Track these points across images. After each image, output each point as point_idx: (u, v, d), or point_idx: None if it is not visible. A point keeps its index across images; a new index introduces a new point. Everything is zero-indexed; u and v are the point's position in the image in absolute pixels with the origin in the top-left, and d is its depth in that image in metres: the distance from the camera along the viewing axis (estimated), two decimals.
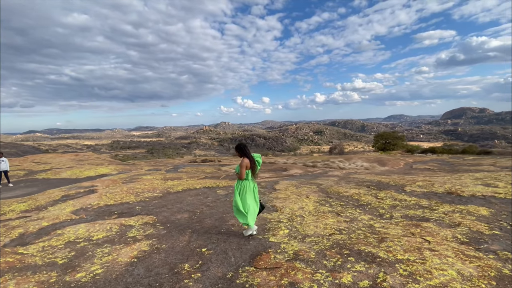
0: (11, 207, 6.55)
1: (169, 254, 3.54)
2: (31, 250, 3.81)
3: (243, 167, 3.84)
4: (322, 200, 6.31)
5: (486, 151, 31.10)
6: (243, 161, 3.84)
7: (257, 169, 4.03)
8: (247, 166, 3.85)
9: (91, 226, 4.78)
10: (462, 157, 22.59)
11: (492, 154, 28.42)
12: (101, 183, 8.95)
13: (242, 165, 3.84)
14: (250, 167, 3.89)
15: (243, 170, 3.85)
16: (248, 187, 3.93)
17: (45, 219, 5.36)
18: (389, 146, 42.07)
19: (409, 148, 39.34)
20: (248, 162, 3.86)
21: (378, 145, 44.80)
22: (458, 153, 29.96)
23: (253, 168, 3.93)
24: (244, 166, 3.84)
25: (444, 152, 30.04)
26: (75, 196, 7.27)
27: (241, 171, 3.85)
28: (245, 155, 3.90)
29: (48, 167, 13.78)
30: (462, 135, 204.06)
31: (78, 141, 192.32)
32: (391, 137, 44.34)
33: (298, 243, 3.65)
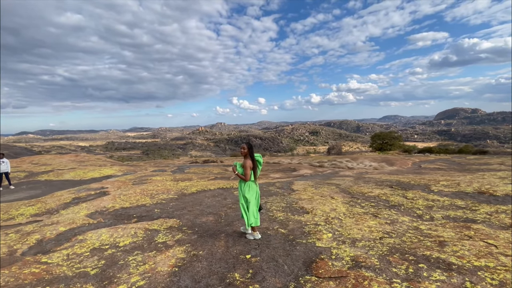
0: (19, 210, 6.14)
1: (211, 262, 3.23)
2: (55, 259, 3.45)
3: (247, 168, 3.73)
4: (350, 201, 6.05)
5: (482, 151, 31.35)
6: (246, 162, 3.74)
7: (259, 170, 3.95)
8: (250, 166, 3.76)
9: (113, 231, 4.43)
10: (464, 157, 22.64)
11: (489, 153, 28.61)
12: (111, 184, 8.56)
13: (246, 166, 3.72)
14: (252, 168, 3.80)
15: (248, 171, 3.73)
16: (252, 188, 3.86)
17: (60, 223, 4.98)
18: (386, 146, 42.14)
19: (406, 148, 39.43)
20: (251, 164, 3.76)
21: (375, 145, 44.87)
22: (455, 153, 30.11)
23: (255, 169, 3.84)
24: (248, 167, 3.73)
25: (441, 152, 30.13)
26: (86, 199, 6.88)
27: (246, 172, 3.73)
28: (250, 155, 3.80)
29: (49, 169, 13.26)
30: (455, 135, 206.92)
31: (72, 142, 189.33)
32: (388, 137, 44.42)
33: (350, 248, 3.37)
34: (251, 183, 3.86)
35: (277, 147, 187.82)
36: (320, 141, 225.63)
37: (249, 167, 3.74)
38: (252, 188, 3.87)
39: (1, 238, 4.32)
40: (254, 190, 3.88)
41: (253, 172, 3.85)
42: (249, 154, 3.80)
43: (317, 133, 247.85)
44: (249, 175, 3.76)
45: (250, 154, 3.80)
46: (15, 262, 3.35)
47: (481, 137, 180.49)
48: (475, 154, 29.10)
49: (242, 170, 3.81)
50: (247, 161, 3.75)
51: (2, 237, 4.38)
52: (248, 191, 3.84)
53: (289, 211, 5.34)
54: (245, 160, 3.78)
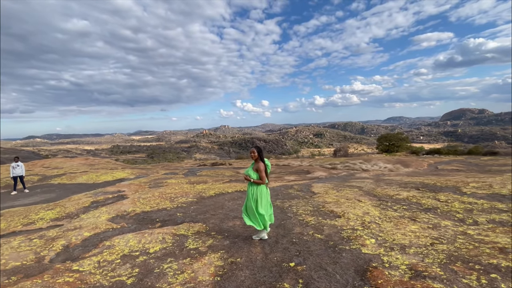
0: (39, 214, 6.00)
1: (253, 270, 3.01)
2: (86, 267, 3.27)
3: (263, 171, 3.73)
4: (380, 204, 5.79)
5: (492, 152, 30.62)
6: (260, 166, 3.73)
7: (268, 174, 3.92)
8: (264, 169, 3.76)
9: (140, 237, 4.24)
10: (478, 158, 22.12)
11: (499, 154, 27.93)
12: (127, 188, 8.41)
13: (261, 169, 3.72)
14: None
15: (263, 174, 3.74)
16: (264, 192, 3.82)
17: (83, 228, 4.82)
18: (393, 148, 41.54)
19: (413, 149, 38.80)
20: (264, 167, 3.77)
21: (381, 147, 44.29)
22: (464, 154, 29.46)
23: (266, 173, 3.84)
24: (263, 170, 3.73)
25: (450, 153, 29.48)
26: (105, 203, 6.73)
27: (261, 176, 3.72)
28: (261, 159, 3.81)
29: (61, 172, 13.20)
30: (462, 136, 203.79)
31: (77, 146, 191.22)
32: (395, 138, 43.79)
33: (401, 255, 3.13)
34: (263, 186, 3.82)
35: (281, 149, 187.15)
36: (325, 143, 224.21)
37: (263, 170, 3.73)
38: (264, 191, 3.84)
39: (26, 244, 4.16)
40: (265, 193, 3.86)
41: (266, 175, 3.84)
42: (260, 158, 3.79)
43: (321, 135, 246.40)
44: (265, 178, 3.76)
45: (261, 158, 3.80)
46: (46, 270, 3.18)
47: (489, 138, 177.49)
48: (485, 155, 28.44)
49: (256, 175, 3.78)
50: (261, 164, 3.74)
51: (27, 243, 4.22)
52: (261, 194, 3.79)
53: (319, 215, 5.11)
54: (258, 164, 3.76)
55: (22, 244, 4.17)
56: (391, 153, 37.52)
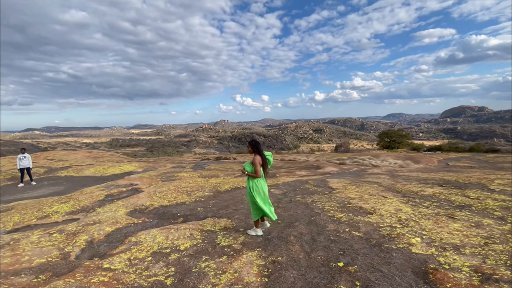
0: (53, 208, 5.77)
1: (301, 271, 2.80)
2: (118, 265, 3.05)
3: (257, 165, 3.60)
4: (408, 200, 5.59)
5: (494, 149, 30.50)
6: (256, 158, 3.62)
7: (268, 168, 3.82)
8: (260, 163, 3.63)
9: (167, 232, 4.02)
10: (483, 155, 21.98)
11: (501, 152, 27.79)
12: (139, 181, 8.18)
13: (256, 162, 3.60)
14: (261, 165, 3.66)
15: (259, 168, 3.61)
16: (261, 185, 3.71)
17: (103, 223, 4.59)
18: (394, 144, 41.43)
19: (414, 146, 38.68)
20: (260, 160, 3.64)
21: (382, 143, 44.18)
22: (465, 151, 29.33)
23: (264, 166, 3.71)
24: (258, 164, 3.61)
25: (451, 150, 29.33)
26: (120, 196, 6.50)
27: (256, 169, 3.60)
28: (258, 152, 3.68)
29: (67, 164, 12.94)
30: (461, 134, 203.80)
31: (76, 139, 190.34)
32: (396, 135, 43.66)
33: (458, 256, 2.93)
34: (260, 180, 3.70)
35: (280, 144, 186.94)
36: (324, 139, 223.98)
37: (259, 163, 3.61)
38: (261, 185, 3.71)
39: (46, 239, 3.94)
40: (265, 187, 3.76)
41: (263, 169, 3.71)
42: (256, 151, 3.68)
43: (321, 131, 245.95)
44: (259, 172, 3.61)
45: (257, 151, 3.68)
46: (75, 268, 2.96)
47: (488, 135, 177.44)
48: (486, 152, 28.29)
49: (251, 168, 3.68)
50: (256, 158, 3.63)
51: (47, 237, 4.00)
52: (258, 188, 3.68)
53: (348, 211, 4.90)
54: (254, 157, 3.66)
55: (42, 239, 3.95)
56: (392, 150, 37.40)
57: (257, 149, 3.68)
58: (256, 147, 3.69)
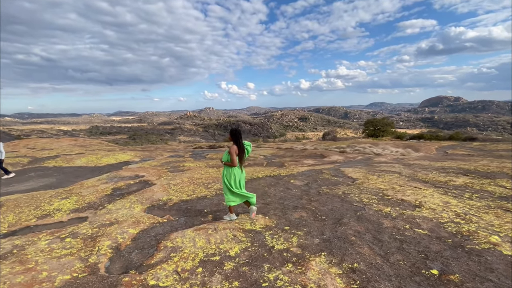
0: (53, 204, 4.99)
1: (394, 282, 2.37)
2: (165, 280, 2.47)
3: (233, 154, 3.70)
4: (445, 191, 5.31)
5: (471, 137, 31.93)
6: (232, 148, 3.71)
7: (245, 157, 3.90)
8: (236, 152, 3.72)
9: (205, 234, 3.46)
10: (470, 144, 22.72)
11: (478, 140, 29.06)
12: (145, 172, 7.43)
13: (232, 152, 3.69)
14: (237, 154, 3.74)
15: (235, 157, 3.70)
16: (234, 173, 3.81)
17: (122, 223, 3.94)
18: (378, 133, 42.35)
19: (397, 134, 39.77)
20: (236, 149, 3.72)
21: (368, 132, 45.06)
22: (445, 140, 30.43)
23: (241, 156, 3.79)
24: (234, 153, 3.70)
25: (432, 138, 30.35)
26: (129, 190, 5.79)
27: (232, 158, 3.69)
28: (236, 142, 3.74)
29: (53, 154, 11.77)
30: (438, 123, 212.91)
31: (53, 126, 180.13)
32: (381, 123, 44.59)
33: None
34: (235, 168, 3.80)
35: (266, 133, 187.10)
36: (309, 127, 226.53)
37: (235, 152, 3.69)
38: (236, 174, 3.82)
39: (59, 245, 3.25)
40: (238, 176, 3.85)
41: (239, 158, 3.78)
42: (235, 140, 3.74)
43: (306, 119, 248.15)
44: (235, 160, 3.70)
45: (235, 140, 3.73)
46: (115, 287, 2.35)
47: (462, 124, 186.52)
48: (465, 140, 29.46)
49: (227, 157, 3.76)
50: (233, 147, 3.70)
51: (59, 243, 3.31)
52: (231, 176, 3.80)
53: (392, 205, 4.54)
54: (231, 146, 3.73)
55: (53, 245, 3.26)
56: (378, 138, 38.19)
57: (235, 138, 3.72)
58: (235, 136, 3.72)
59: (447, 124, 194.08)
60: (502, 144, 17.98)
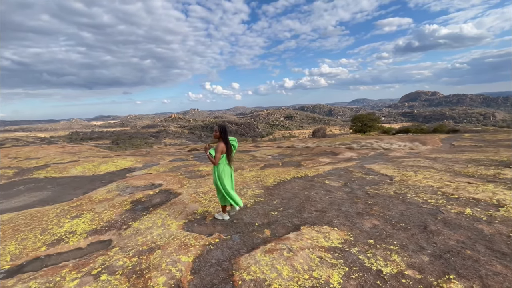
0: (63, 226, 4.06)
1: None
2: None
3: (219, 152, 3.58)
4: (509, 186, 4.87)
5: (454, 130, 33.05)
6: (219, 146, 3.58)
7: (233, 154, 3.80)
8: (222, 150, 3.61)
9: (282, 258, 2.74)
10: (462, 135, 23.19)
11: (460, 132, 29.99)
12: (162, 180, 6.52)
13: (218, 149, 3.57)
14: (225, 152, 3.65)
15: (219, 155, 3.58)
16: (225, 171, 3.72)
17: (164, 247, 3.13)
18: (365, 128, 43.00)
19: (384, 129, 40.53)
20: (223, 147, 3.61)
21: (355, 127, 45.67)
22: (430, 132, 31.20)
23: (228, 153, 3.69)
24: (219, 151, 3.58)
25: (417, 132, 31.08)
26: (152, 203, 4.92)
27: (216, 156, 3.58)
28: (224, 139, 3.64)
29: (42, 163, 10.50)
30: (417, 117, 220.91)
31: (28, 133, 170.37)
32: (367, 119, 45.35)
33: None
34: (225, 166, 3.70)
35: (253, 132, 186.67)
36: (295, 125, 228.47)
37: (220, 151, 3.58)
38: (226, 171, 3.73)
39: (96, 285, 2.42)
40: (228, 173, 3.76)
41: (227, 155, 3.68)
42: (222, 138, 3.63)
43: (291, 118, 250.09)
44: (218, 159, 3.59)
45: (223, 138, 3.63)
46: None
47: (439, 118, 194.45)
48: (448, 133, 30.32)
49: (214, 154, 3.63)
50: (220, 145, 3.59)
51: (94, 285, 2.47)
52: (223, 174, 3.69)
53: (467, 205, 4.00)
54: (218, 144, 3.61)
55: None
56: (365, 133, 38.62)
57: (224, 136, 3.62)
58: (225, 134, 3.62)
59: (425, 117, 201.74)
60: (499, 134, 18.31)
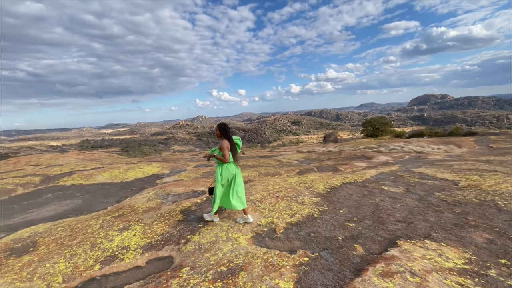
0: (113, 240, 3.57)
1: None
2: None
3: (225, 149, 3.45)
4: None
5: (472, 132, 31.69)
6: (223, 143, 3.48)
7: (238, 152, 3.67)
8: (228, 147, 3.47)
9: (405, 283, 2.16)
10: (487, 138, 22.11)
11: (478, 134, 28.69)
12: (202, 186, 6.01)
13: (224, 147, 3.46)
14: (230, 149, 3.51)
15: (227, 152, 3.46)
16: (230, 170, 3.56)
17: (254, 268, 2.59)
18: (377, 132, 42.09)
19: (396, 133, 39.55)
20: (228, 144, 3.49)
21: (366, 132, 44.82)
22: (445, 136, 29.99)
23: (233, 151, 3.57)
24: (226, 148, 3.46)
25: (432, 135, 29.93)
26: (204, 212, 4.41)
27: (224, 153, 3.46)
28: (227, 136, 3.53)
29: (66, 170, 10.20)
30: (427, 120, 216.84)
31: (42, 142, 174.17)
32: (379, 123, 44.49)
33: None
34: (229, 164, 3.57)
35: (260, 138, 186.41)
36: (302, 131, 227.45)
37: (227, 147, 3.47)
38: (230, 170, 3.57)
39: None
40: (231, 172, 3.58)
41: (232, 154, 3.56)
42: (224, 135, 3.53)
43: (299, 123, 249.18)
44: (228, 156, 3.47)
45: (225, 135, 3.53)
46: None
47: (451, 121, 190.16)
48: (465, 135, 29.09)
49: (220, 154, 3.53)
50: (223, 142, 3.49)
51: None
52: (226, 173, 3.54)
53: None
54: (222, 142, 3.51)
55: None
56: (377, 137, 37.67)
57: (225, 132, 3.52)
58: (225, 131, 3.52)
59: (436, 121, 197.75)
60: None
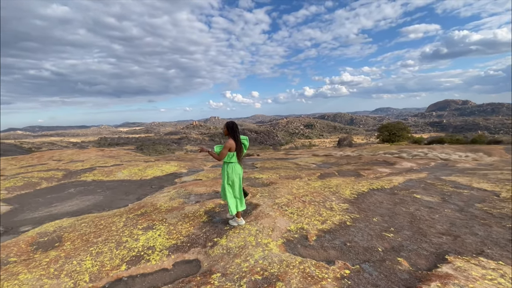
0: (139, 240, 3.47)
1: None
2: None
3: (226, 148, 3.39)
4: None
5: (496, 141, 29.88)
6: (228, 142, 3.41)
7: (243, 152, 3.55)
8: (231, 148, 3.41)
9: None
10: None
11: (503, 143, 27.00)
12: None
13: (226, 145, 3.39)
14: (234, 150, 3.44)
15: (225, 151, 3.39)
16: (236, 170, 3.52)
17: (284, 278, 2.40)
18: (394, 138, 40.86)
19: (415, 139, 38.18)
20: (232, 143, 3.41)
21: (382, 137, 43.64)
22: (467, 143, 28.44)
23: (238, 151, 3.47)
24: (227, 147, 3.39)
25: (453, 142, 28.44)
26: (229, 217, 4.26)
27: (222, 152, 3.38)
28: (233, 135, 3.44)
29: (87, 166, 10.38)
30: (447, 127, 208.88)
31: (62, 138, 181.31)
32: (396, 128, 43.22)
33: None
34: (235, 164, 3.53)
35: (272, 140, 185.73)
36: (315, 134, 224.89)
37: (228, 147, 3.39)
38: (236, 170, 3.54)
39: None
40: (237, 172, 3.56)
41: (237, 153, 3.48)
42: (231, 134, 3.45)
43: (311, 126, 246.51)
44: (224, 155, 3.40)
45: (232, 134, 3.45)
46: None
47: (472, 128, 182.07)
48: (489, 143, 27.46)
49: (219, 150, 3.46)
50: (228, 141, 3.42)
51: None
52: (232, 172, 3.51)
53: None
54: (227, 140, 3.45)
55: None
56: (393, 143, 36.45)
57: (233, 132, 3.46)
58: (232, 130, 3.46)
59: (456, 127, 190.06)
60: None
